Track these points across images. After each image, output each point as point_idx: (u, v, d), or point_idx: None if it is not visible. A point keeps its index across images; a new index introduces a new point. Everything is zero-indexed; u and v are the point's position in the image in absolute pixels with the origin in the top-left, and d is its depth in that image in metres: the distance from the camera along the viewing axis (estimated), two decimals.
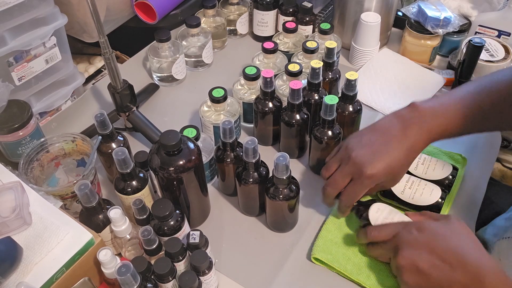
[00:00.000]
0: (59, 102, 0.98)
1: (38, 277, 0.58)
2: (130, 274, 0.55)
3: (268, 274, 0.72)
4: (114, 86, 0.85)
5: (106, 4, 0.98)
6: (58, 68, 0.93)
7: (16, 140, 0.78)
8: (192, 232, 0.64)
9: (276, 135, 0.89)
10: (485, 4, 1.09)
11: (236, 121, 0.86)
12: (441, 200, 0.75)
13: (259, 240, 0.77)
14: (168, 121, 0.97)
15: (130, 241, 0.68)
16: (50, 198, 0.68)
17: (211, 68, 1.11)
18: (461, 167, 0.85)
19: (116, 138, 0.78)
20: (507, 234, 0.76)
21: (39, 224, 0.63)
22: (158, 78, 1.06)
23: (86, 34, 0.99)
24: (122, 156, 0.66)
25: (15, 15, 0.80)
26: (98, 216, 0.68)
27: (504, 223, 0.80)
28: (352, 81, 0.80)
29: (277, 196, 0.70)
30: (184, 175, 0.68)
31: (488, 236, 0.79)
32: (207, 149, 0.80)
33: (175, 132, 0.66)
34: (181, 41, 1.05)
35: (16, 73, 0.85)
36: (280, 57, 0.98)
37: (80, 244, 0.61)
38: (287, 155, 0.66)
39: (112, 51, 0.80)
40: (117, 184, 0.70)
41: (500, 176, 1.26)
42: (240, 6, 1.15)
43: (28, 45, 0.84)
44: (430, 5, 1.07)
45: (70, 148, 0.79)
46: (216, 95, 0.82)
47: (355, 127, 0.87)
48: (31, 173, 0.75)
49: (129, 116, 0.90)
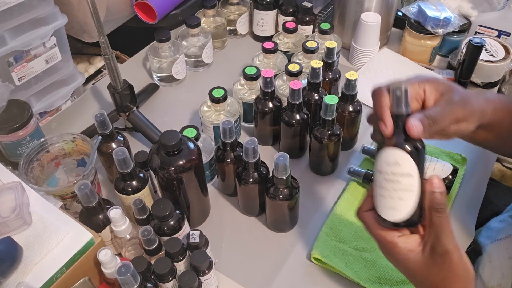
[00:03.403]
0: (59, 102, 0.98)
1: (38, 277, 0.58)
2: (130, 274, 0.55)
3: (268, 274, 0.72)
4: (114, 86, 0.85)
5: (106, 4, 0.98)
6: (58, 68, 0.93)
7: (16, 140, 0.78)
8: (192, 232, 0.64)
9: (276, 135, 0.89)
10: (485, 4, 1.09)
11: (236, 121, 0.86)
12: None
13: (259, 240, 0.77)
14: (168, 121, 0.97)
15: (130, 241, 0.68)
16: (50, 198, 0.68)
17: (211, 68, 1.11)
18: (461, 167, 0.85)
19: (116, 138, 0.78)
20: (499, 236, 0.76)
21: (39, 224, 0.63)
22: (158, 78, 1.06)
23: (86, 34, 0.99)
24: (122, 156, 0.66)
25: (15, 15, 0.80)
26: (98, 216, 0.68)
27: (498, 225, 0.80)
28: (352, 81, 0.80)
29: (277, 196, 0.70)
30: (184, 175, 0.68)
31: (482, 239, 0.79)
32: (207, 149, 0.80)
33: (175, 132, 0.66)
34: (181, 41, 1.05)
35: (16, 73, 0.85)
36: (280, 57, 0.98)
37: (80, 244, 0.61)
38: (287, 155, 0.66)
39: (112, 51, 0.80)
40: (117, 184, 0.70)
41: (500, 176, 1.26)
42: (240, 6, 1.15)
43: (28, 45, 0.84)
44: (430, 5, 1.07)
45: (70, 148, 0.78)
46: (216, 95, 0.82)
47: (355, 127, 0.87)
48: (31, 173, 0.75)
49: (129, 116, 0.90)
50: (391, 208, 0.51)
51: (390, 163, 0.50)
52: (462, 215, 0.79)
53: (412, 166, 0.49)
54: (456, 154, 0.87)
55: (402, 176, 0.50)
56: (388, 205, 0.51)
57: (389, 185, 0.50)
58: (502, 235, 0.76)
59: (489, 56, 1.00)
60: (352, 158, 0.89)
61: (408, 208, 0.50)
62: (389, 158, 0.50)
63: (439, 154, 0.87)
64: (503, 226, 0.78)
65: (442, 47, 1.10)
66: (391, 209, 0.51)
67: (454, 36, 1.08)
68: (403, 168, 0.49)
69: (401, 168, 0.49)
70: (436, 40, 1.06)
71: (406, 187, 0.50)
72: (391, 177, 0.50)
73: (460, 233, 0.76)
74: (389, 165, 0.50)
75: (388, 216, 0.51)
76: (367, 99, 1.00)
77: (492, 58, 1.00)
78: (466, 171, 0.85)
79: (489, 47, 1.01)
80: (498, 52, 1.01)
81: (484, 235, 0.79)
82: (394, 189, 0.50)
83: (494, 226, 0.81)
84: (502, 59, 0.99)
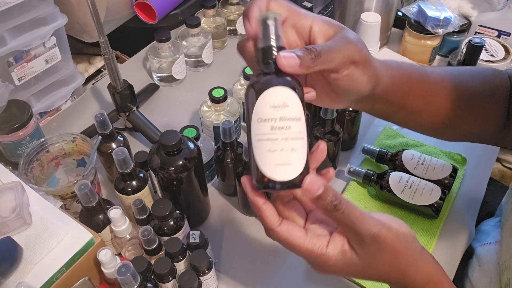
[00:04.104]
0: (59, 102, 0.98)
1: (38, 277, 0.58)
2: (130, 274, 0.55)
3: (268, 274, 0.72)
4: (114, 86, 0.85)
5: (106, 4, 0.98)
6: (58, 68, 0.93)
7: (16, 140, 0.78)
8: (192, 232, 0.64)
9: None
10: (485, 4, 1.10)
11: (236, 121, 0.86)
12: (440, 200, 0.75)
13: (259, 240, 0.77)
14: (168, 121, 0.97)
15: (130, 241, 0.68)
16: (50, 198, 0.68)
17: (211, 68, 1.11)
18: (461, 167, 0.85)
19: (116, 138, 0.78)
20: (488, 240, 0.76)
21: (39, 224, 0.63)
22: (158, 78, 1.06)
23: (86, 34, 0.99)
24: (122, 156, 0.66)
25: (15, 15, 0.79)
26: (98, 216, 0.68)
27: (488, 229, 0.80)
28: None
29: None
30: (184, 175, 0.68)
31: (472, 242, 0.79)
32: (207, 149, 0.80)
33: (175, 132, 0.66)
34: (181, 41, 1.05)
35: (16, 73, 0.85)
36: None
37: (80, 244, 0.61)
38: None
39: (112, 51, 0.80)
40: (117, 184, 0.70)
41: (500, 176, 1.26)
42: (240, 6, 1.15)
43: (28, 45, 0.84)
44: (430, 5, 1.07)
45: (70, 148, 0.78)
46: (216, 95, 0.82)
47: (355, 127, 0.87)
48: (31, 173, 0.75)
49: (129, 116, 0.90)
50: (284, 163, 0.40)
51: (277, 106, 0.40)
52: (462, 215, 0.79)
53: (300, 107, 0.41)
54: (456, 154, 0.87)
55: (292, 120, 0.40)
56: (280, 160, 0.40)
57: (278, 134, 0.40)
58: (492, 239, 0.75)
59: (489, 56, 1.00)
60: (352, 158, 0.89)
61: (302, 160, 0.41)
62: (275, 100, 0.40)
63: (439, 154, 0.87)
64: (494, 230, 0.77)
65: (442, 47, 1.10)
66: (284, 165, 0.40)
67: (454, 36, 1.08)
68: (292, 111, 0.40)
69: (289, 111, 0.40)
70: (436, 40, 1.06)
71: (297, 135, 0.41)
72: (279, 123, 0.40)
73: (460, 233, 0.76)
74: (277, 109, 0.40)
75: (281, 175, 0.40)
76: None
77: (492, 58, 1.00)
78: (466, 171, 0.85)
79: (489, 47, 1.01)
80: (498, 52, 1.01)
81: (475, 237, 0.79)
82: (286, 138, 0.40)
83: (484, 229, 0.81)
84: (502, 59, 0.99)
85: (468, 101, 0.59)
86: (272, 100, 0.40)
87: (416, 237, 0.46)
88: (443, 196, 0.76)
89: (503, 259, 0.67)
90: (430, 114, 0.59)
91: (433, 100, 0.58)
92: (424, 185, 0.77)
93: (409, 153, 0.82)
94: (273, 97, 0.40)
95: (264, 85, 0.41)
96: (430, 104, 0.58)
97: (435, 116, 0.59)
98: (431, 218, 0.77)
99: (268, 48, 0.42)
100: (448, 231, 0.77)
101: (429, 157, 0.81)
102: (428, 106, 0.58)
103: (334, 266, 0.44)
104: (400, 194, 0.76)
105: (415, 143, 0.89)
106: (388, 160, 0.84)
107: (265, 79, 0.41)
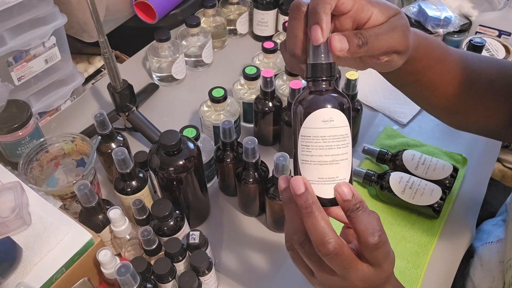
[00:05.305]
0: (59, 102, 0.98)
1: (37, 277, 0.58)
2: (129, 274, 0.55)
3: (268, 274, 0.72)
4: (113, 86, 0.85)
5: (106, 4, 0.97)
6: (57, 68, 0.93)
7: (15, 140, 0.78)
8: (192, 232, 0.64)
9: (276, 135, 0.89)
10: (486, 4, 1.09)
11: (236, 121, 0.86)
12: (441, 201, 0.75)
13: (259, 240, 0.77)
14: (168, 121, 0.97)
15: (129, 241, 0.68)
16: (50, 198, 0.67)
17: (211, 68, 1.10)
18: (461, 167, 0.85)
19: (115, 138, 0.78)
20: (490, 239, 0.76)
21: (39, 224, 0.63)
22: (158, 78, 1.05)
23: (85, 34, 0.99)
24: (122, 156, 0.66)
25: (15, 15, 0.79)
26: (97, 216, 0.67)
27: (490, 228, 0.80)
28: (353, 81, 0.80)
29: (277, 196, 0.70)
30: (184, 175, 0.68)
31: (474, 241, 0.79)
32: (207, 149, 0.80)
33: (175, 132, 0.66)
34: (181, 41, 1.05)
35: (16, 73, 0.85)
36: (280, 57, 0.98)
37: (79, 244, 0.61)
38: (287, 155, 0.66)
39: (112, 51, 0.80)
40: (116, 184, 0.70)
41: (500, 176, 1.26)
42: (240, 6, 1.15)
43: (28, 45, 0.84)
44: (430, 5, 1.07)
45: (69, 148, 0.78)
46: (216, 95, 0.82)
47: (355, 127, 0.87)
48: (31, 173, 0.75)
49: (128, 116, 0.90)
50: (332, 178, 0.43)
51: (326, 121, 0.41)
52: (462, 215, 0.79)
53: (347, 128, 0.42)
54: (457, 154, 0.87)
55: (339, 140, 0.42)
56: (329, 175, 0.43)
57: (326, 152, 0.42)
58: (494, 238, 0.75)
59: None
60: (352, 158, 0.89)
61: (348, 174, 0.43)
62: (324, 116, 0.41)
63: (439, 154, 0.86)
64: (495, 229, 0.77)
65: None
66: (333, 180, 0.43)
67: (455, 36, 1.08)
68: (340, 127, 0.42)
69: (337, 131, 0.42)
70: None
71: (345, 151, 0.43)
72: (327, 143, 0.42)
73: (461, 233, 0.76)
74: (326, 124, 0.41)
75: (329, 193, 0.43)
76: (367, 99, 1.00)
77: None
78: (467, 171, 0.85)
79: (489, 47, 1.01)
80: (499, 52, 1.01)
81: (476, 237, 0.79)
82: (336, 153, 0.42)
83: (486, 229, 0.81)
84: (502, 59, 0.99)
85: (482, 90, 0.59)
86: (322, 116, 0.41)
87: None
88: (444, 196, 0.76)
89: (508, 257, 0.67)
90: (443, 95, 0.59)
91: (449, 81, 0.58)
92: (424, 185, 0.77)
93: (409, 153, 0.82)
94: (322, 116, 0.41)
95: (313, 104, 0.41)
96: (445, 85, 0.58)
97: (447, 100, 0.59)
98: (431, 219, 0.77)
99: (319, 65, 0.42)
100: (449, 231, 0.76)
101: (430, 157, 0.81)
102: (442, 86, 0.58)
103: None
104: (401, 195, 0.76)
105: (415, 143, 0.89)
106: (388, 160, 0.83)
107: (313, 98, 0.42)
